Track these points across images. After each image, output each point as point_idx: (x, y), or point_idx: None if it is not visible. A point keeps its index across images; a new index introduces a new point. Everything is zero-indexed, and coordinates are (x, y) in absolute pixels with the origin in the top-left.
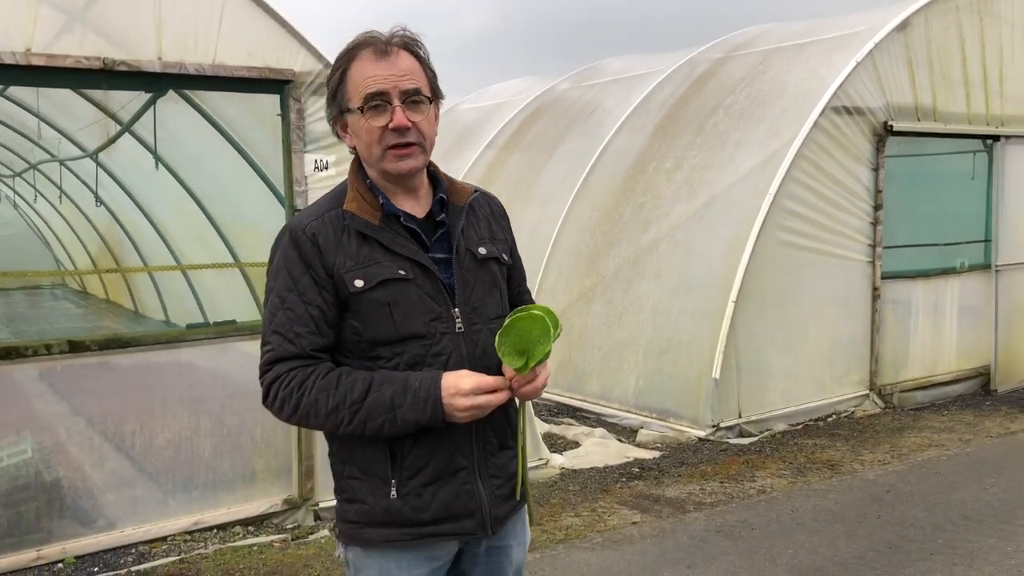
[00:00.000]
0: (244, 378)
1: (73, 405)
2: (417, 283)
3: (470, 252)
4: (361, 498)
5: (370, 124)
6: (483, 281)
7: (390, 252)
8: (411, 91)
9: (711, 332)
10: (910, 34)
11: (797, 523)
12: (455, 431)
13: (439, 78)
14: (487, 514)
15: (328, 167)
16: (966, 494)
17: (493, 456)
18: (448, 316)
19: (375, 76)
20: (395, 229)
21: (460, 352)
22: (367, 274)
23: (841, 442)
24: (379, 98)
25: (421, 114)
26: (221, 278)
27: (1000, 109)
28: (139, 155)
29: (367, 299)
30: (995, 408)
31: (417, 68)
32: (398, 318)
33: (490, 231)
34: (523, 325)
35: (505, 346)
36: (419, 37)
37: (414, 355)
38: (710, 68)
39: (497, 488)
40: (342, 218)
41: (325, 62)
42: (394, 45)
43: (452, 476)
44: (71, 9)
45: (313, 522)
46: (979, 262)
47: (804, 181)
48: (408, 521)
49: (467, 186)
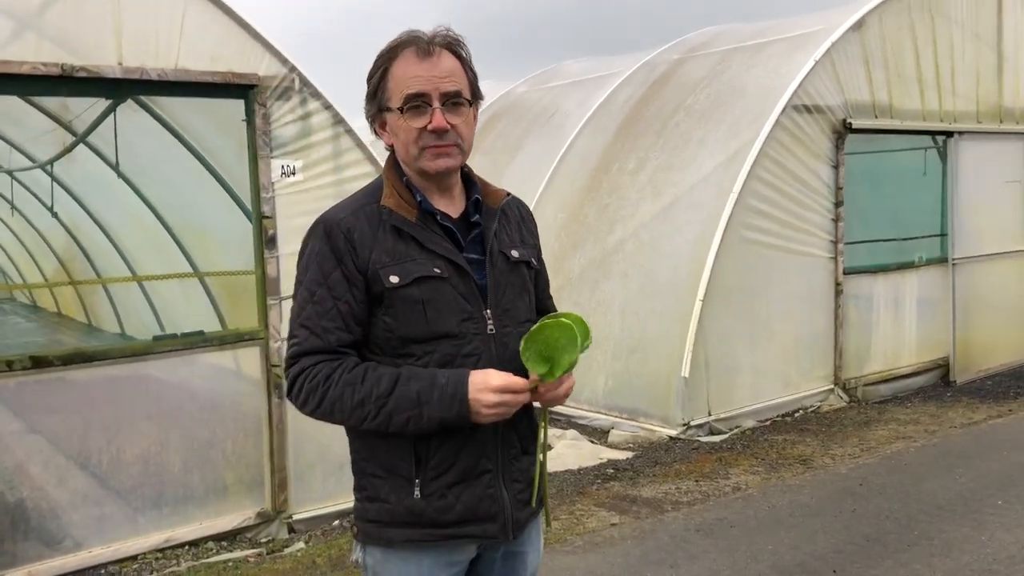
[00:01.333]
0: (213, 390)
1: (33, 423)
2: (451, 282)
3: (503, 254)
4: (384, 497)
5: (409, 124)
6: (514, 284)
7: (425, 250)
8: (452, 93)
9: (679, 331)
10: (865, 33)
11: (775, 519)
12: (481, 433)
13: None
14: (509, 518)
15: (295, 172)
16: (937, 485)
17: (516, 461)
18: (480, 317)
19: (416, 77)
20: (431, 227)
21: (490, 353)
22: (403, 270)
23: (810, 437)
24: (419, 99)
25: (460, 116)
26: (180, 289)
27: (952, 105)
28: (95, 166)
29: (401, 295)
30: (956, 399)
31: (459, 69)
32: (431, 316)
33: (521, 235)
34: (551, 332)
35: (530, 351)
36: (462, 38)
37: (445, 354)
38: (669, 69)
39: (519, 493)
40: (379, 213)
41: (290, 66)
42: (437, 45)
43: (477, 479)
44: (21, 15)
45: (288, 535)
46: (936, 256)
47: (767, 179)
48: (431, 522)
49: (500, 190)
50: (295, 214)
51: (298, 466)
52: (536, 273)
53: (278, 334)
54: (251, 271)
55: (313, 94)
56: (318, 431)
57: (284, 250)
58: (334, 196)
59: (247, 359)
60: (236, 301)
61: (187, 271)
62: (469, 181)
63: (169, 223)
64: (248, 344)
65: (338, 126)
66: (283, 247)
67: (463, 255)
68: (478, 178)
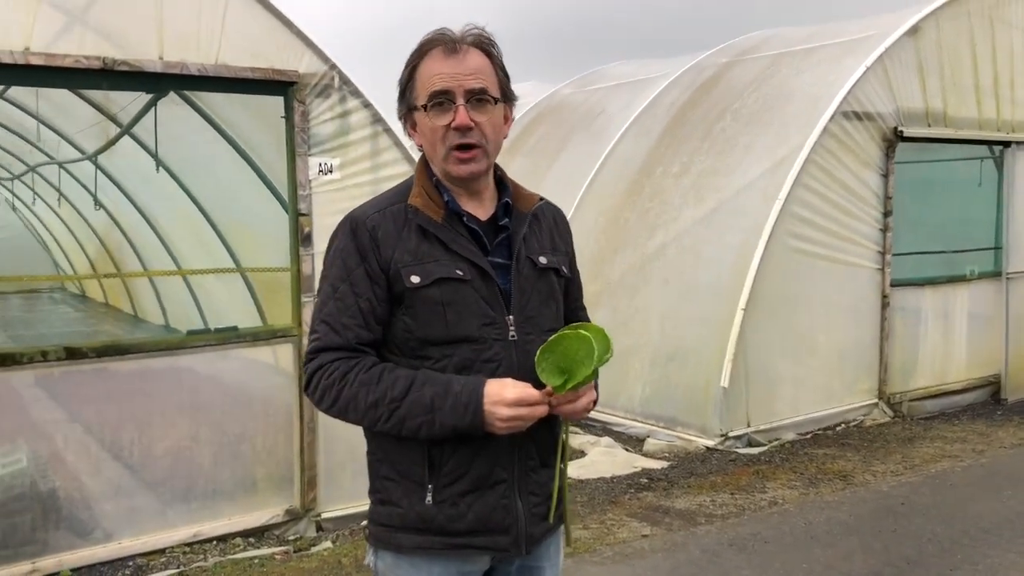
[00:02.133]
0: (245, 385)
1: (70, 412)
2: (474, 285)
3: (530, 260)
4: (395, 501)
5: (433, 122)
6: (540, 291)
7: (449, 251)
8: (476, 90)
9: (719, 339)
10: (920, 39)
11: (811, 536)
12: (498, 442)
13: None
14: (522, 532)
15: (333, 171)
16: (983, 507)
17: (534, 473)
18: (502, 322)
19: (441, 74)
20: (457, 228)
21: (511, 361)
22: (424, 271)
23: (852, 452)
24: (443, 96)
25: (486, 115)
26: (222, 283)
27: (1011, 115)
28: (139, 158)
29: (422, 296)
30: (1007, 418)
31: (487, 67)
32: (451, 319)
33: (552, 242)
34: (569, 343)
35: (546, 362)
36: (492, 36)
37: (464, 358)
38: (717, 72)
39: (535, 506)
40: (405, 212)
41: (330, 63)
42: (465, 43)
43: (491, 488)
44: (71, 9)
45: (315, 533)
46: (989, 270)
47: (814, 187)
48: (441, 529)
49: (533, 194)
50: (331, 212)
51: (328, 464)
52: (567, 282)
53: None
54: (287, 268)
55: (353, 92)
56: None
57: (319, 248)
58: (371, 195)
59: (280, 356)
60: (274, 297)
61: (228, 265)
62: (502, 184)
63: (211, 216)
64: (282, 341)
65: (376, 125)
66: (319, 245)
67: (488, 258)
68: (511, 181)
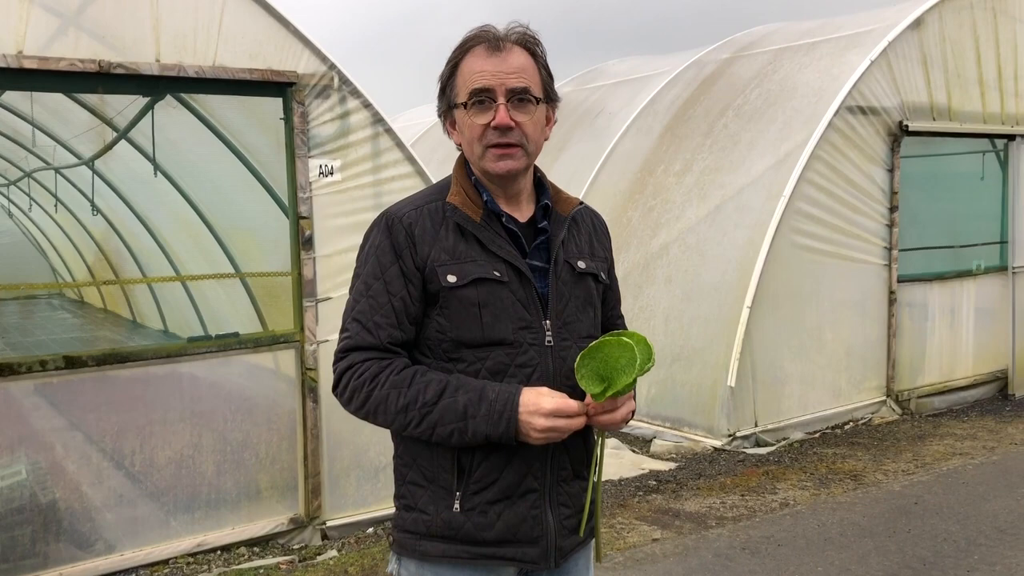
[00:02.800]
0: (247, 392)
1: (70, 421)
2: (511, 288)
3: (568, 264)
4: (422, 507)
5: (473, 121)
6: (578, 296)
7: (487, 251)
8: (518, 90)
9: (725, 338)
10: (924, 32)
11: (825, 538)
12: (530, 450)
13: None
14: (551, 544)
15: (333, 172)
16: (998, 505)
17: (566, 484)
18: (538, 327)
19: (483, 72)
20: (495, 229)
21: (546, 366)
22: (461, 270)
23: (861, 451)
24: (484, 94)
25: (527, 115)
26: (222, 288)
27: (1015, 108)
28: (136, 162)
29: (458, 296)
30: (1016, 414)
31: (530, 66)
32: (487, 320)
33: (591, 247)
34: (610, 351)
35: (586, 368)
36: (537, 35)
37: (498, 362)
38: (718, 69)
39: (566, 519)
40: (443, 210)
41: (329, 63)
42: (509, 41)
43: (521, 498)
44: (65, 12)
45: (321, 542)
46: (995, 264)
47: (818, 183)
48: (468, 538)
49: (573, 197)
50: (333, 215)
51: (333, 471)
52: (606, 288)
53: (314, 337)
54: (288, 272)
55: (352, 92)
56: (353, 436)
57: (321, 251)
58: (372, 197)
59: (282, 361)
60: (275, 301)
61: (227, 270)
62: (541, 186)
63: (210, 221)
64: (283, 346)
65: (377, 125)
66: (320, 248)
67: (526, 261)
68: (550, 184)
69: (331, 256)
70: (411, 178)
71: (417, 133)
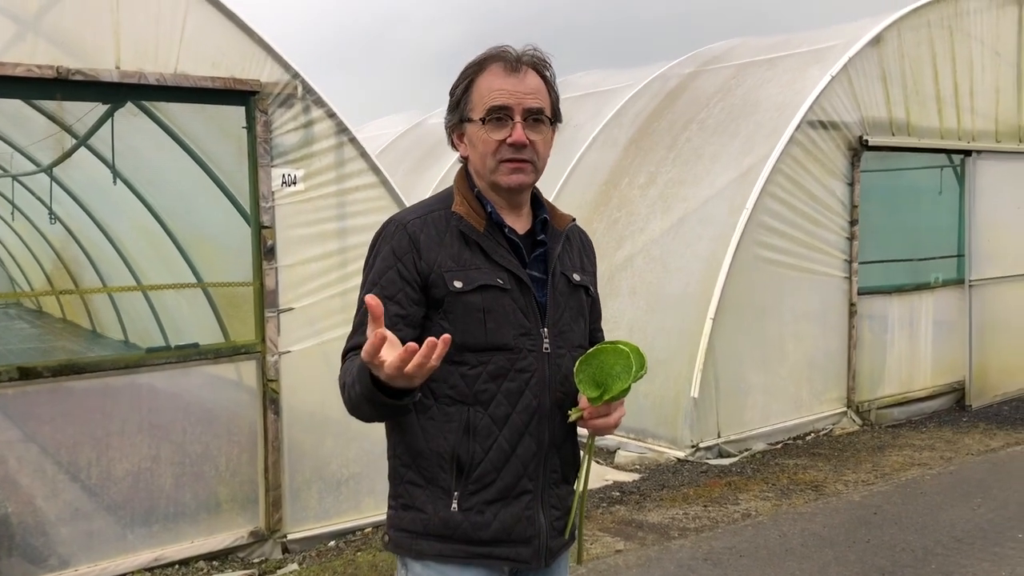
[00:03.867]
0: (207, 403)
1: (25, 432)
2: (512, 295)
3: (564, 276)
4: (420, 506)
5: (488, 136)
6: (572, 307)
7: (491, 260)
8: (534, 110)
9: (688, 350)
10: (883, 48)
11: (786, 549)
12: (526, 452)
13: (413, 92)
14: (543, 544)
15: (297, 182)
16: (954, 515)
17: (556, 487)
18: (537, 334)
19: (501, 90)
20: (498, 239)
21: (543, 372)
22: (467, 277)
23: (822, 462)
24: (502, 112)
25: (540, 134)
26: (183, 298)
27: (971, 124)
28: (96, 170)
29: (464, 301)
30: (972, 424)
31: (543, 88)
32: (490, 326)
33: (581, 262)
34: (606, 357)
35: (584, 374)
36: (548, 58)
37: (499, 366)
38: (682, 82)
39: (555, 520)
40: (448, 219)
41: (293, 72)
42: (524, 63)
43: (516, 499)
44: (23, 17)
45: (281, 555)
46: (953, 277)
47: (780, 196)
48: (465, 537)
49: (567, 214)
50: (296, 224)
51: (294, 484)
52: (592, 301)
53: (275, 348)
54: (249, 283)
55: (316, 101)
56: (315, 448)
57: (283, 261)
58: (336, 206)
59: (244, 372)
60: (236, 312)
61: (189, 279)
62: (537, 201)
63: (171, 229)
64: (244, 357)
65: (341, 135)
66: (283, 258)
67: (526, 271)
68: (546, 200)
69: (293, 266)
70: (375, 188)
71: (383, 143)
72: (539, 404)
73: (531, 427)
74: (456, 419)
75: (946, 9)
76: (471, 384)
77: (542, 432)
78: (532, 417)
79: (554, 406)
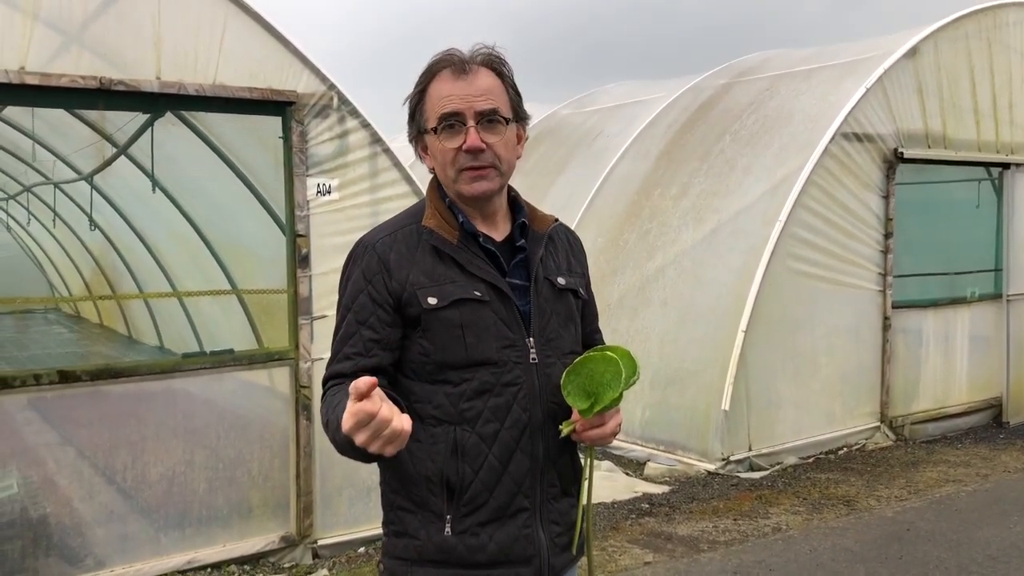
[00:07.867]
0: (241, 409)
1: (63, 436)
2: (492, 307)
3: (548, 281)
4: (412, 532)
5: (444, 145)
6: (559, 313)
7: (466, 272)
8: (487, 111)
9: (720, 362)
10: (919, 60)
11: (816, 564)
12: (518, 469)
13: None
14: (545, 563)
15: (331, 191)
16: (990, 533)
17: (555, 501)
18: (522, 345)
19: (451, 96)
20: (473, 250)
21: (532, 384)
22: (441, 292)
23: (855, 476)
24: (453, 118)
25: (497, 135)
26: (218, 305)
27: (1010, 137)
28: (135, 178)
29: (439, 318)
30: (1010, 441)
31: (497, 87)
32: (470, 341)
33: (568, 263)
34: (595, 366)
35: (572, 385)
36: (503, 54)
37: (483, 382)
38: (715, 94)
39: (557, 536)
40: (419, 233)
41: (329, 83)
42: (474, 63)
43: (512, 518)
44: (68, 29)
45: (312, 560)
46: (990, 292)
47: (814, 208)
48: (461, 561)
49: (548, 215)
50: (330, 233)
51: (325, 490)
52: (584, 304)
53: (308, 354)
54: (283, 290)
55: (351, 112)
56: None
57: (317, 269)
58: (370, 216)
59: (277, 379)
60: (270, 319)
61: (224, 286)
62: (516, 205)
63: (208, 237)
64: (278, 364)
65: (376, 145)
66: (316, 266)
67: (506, 280)
68: (525, 203)
69: (327, 274)
70: (408, 198)
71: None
72: (530, 418)
73: (522, 442)
74: (443, 440)
75: (984, 21)
76: (455, 403)
77: (535, 446)
78: (523, 432)
79: (547, 418)
